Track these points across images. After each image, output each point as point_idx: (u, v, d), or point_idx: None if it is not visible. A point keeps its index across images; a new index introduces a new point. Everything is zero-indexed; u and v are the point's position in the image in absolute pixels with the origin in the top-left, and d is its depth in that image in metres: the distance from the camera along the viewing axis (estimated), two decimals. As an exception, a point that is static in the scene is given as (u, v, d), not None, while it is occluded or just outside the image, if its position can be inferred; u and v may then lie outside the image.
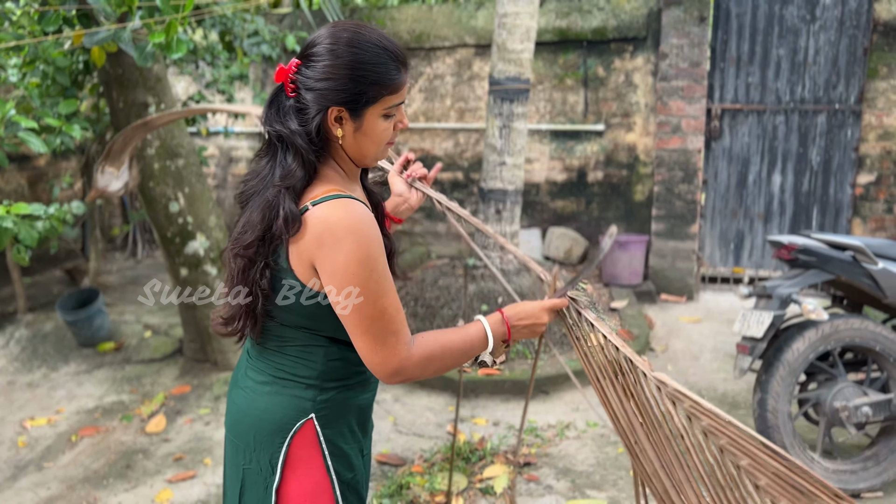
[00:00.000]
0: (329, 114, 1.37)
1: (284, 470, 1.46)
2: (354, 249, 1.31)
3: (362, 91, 1.36)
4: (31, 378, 4.65)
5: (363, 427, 1.57)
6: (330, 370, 1.47)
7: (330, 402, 1.47)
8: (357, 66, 1.35)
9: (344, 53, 1.35)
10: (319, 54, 1.37)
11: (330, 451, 1.47)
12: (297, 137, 1.37)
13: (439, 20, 5.99)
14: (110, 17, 3.00)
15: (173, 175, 4.19)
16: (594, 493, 3.17)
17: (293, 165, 1.37)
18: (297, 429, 1.46)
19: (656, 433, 1.42)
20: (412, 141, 6.27)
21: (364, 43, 1.37)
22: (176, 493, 3.30)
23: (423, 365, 1.40)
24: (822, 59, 5.32)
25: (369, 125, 1.40)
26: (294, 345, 1.47)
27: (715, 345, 4.68)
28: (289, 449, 1.46)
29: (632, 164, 5.84)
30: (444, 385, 4.20)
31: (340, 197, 1.35)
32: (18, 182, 6.26)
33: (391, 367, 1.37)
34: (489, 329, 1.49)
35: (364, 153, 1.44)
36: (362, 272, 1.32)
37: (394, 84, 1.39)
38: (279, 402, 1.47)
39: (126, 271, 6.62)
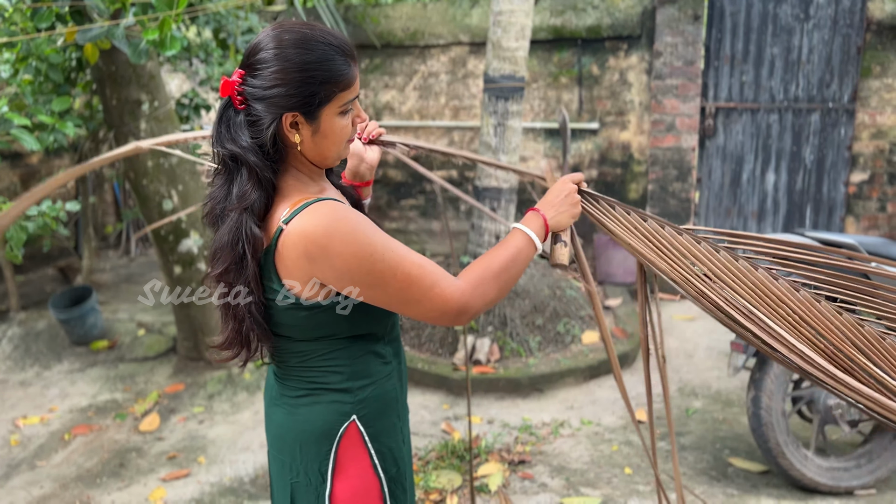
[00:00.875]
0: (284, 121, 1.32)
1: (335, 476, 1.44)
2: (346, 247, 1.27)
3: (314, 92, 1.30)
4: (24, 376, 4.63)
5: (402, 417, 1.55)
6: (359, 368, 1.44)
7: (367, 399, 1.45)
8: (306, 67, 1.29)
9: (291, 56, 1.29)
10: (265, 60, 1.30)
11: (376, 450, 1.46)
12: (251, 154, 1.31)
13: (434, 18, 5.98)
14: (104, 13, 2.99)
15: (167, 173, 4.17)
16: (588, 490, 3.18)
17: (247, 186, 1.31)
18: (342, 433, 1.43)
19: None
20: (407, 139, 6.25)
21: (310, 42, 1.31)
22: (170, 492, 3.29)
23: (480, 291, 1.35)
24: (815, 57, 5.34)
25: (327, 125, 1.35)
26: (316, 356, 1.43)
27: (709, 343, 4.69)
28: (337, 455, 1.43)
29: (626, 163, 5.85)
30: (439, 383, 4.20)
31: (307, 204, 1.30)
32: (11, 180, 6.23)
33: (454, 310, 1.33)
34: (524, 226, 1.45)
35: (325, 155, 1.39)
36: (366, 262, 1.28)
37: (345, 79, 1.34)
38: (319, 411, 1.44)
39: (119, 269, 6.60)
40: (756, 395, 3.09)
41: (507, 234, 1.46)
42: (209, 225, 1.41)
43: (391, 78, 6.21)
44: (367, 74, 6.25)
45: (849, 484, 3.09)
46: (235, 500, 3.21)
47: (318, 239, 1.27)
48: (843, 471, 3.12)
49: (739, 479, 3.24)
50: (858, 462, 3.14)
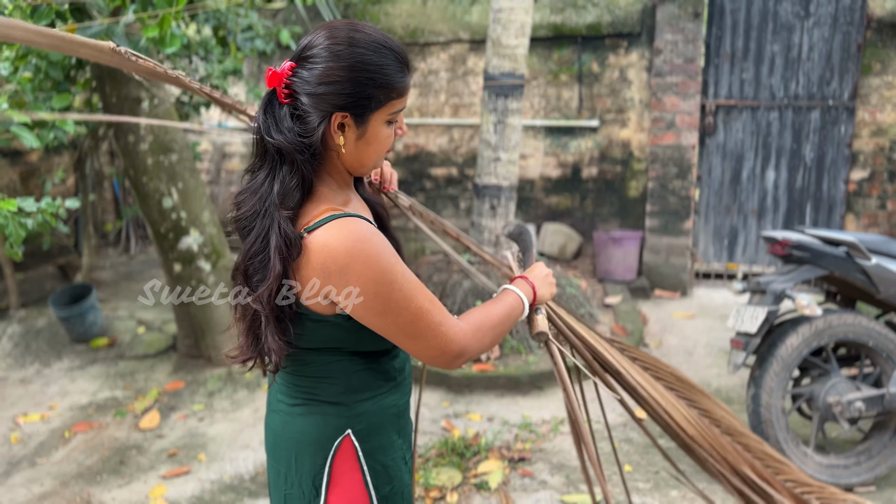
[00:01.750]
0: (332, 120, 1.27)
1: (328, 490, 1.41)
2: (366, 271, 1.24)
3: (370, 95, 1.27)
4: (24, 374, 4.63)
5: (404, 432, 1.51)
6: (356, 384, 1.41)
7: (364, 414, 1.42)
8: (363, 68, 1.25)
9: (348, 54, 1.25)
10: (319, 56, 1.26)
11: (369, 467, 1.42)
12: (297, 151, 1.26)
13: (434, 15, 5.98)
14: (103, 11, 2.98)
15: (167, 170, 4.17)
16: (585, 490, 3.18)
17: (291, 184, 1.26)
18: (337, 447, 1.40)
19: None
20: (407, 136, 6.26)
21: (369, 43, 1.27)
22: (170, 489, 3.30)
23: (478, 337, 1.38)
24: (815, 55, 5.33)
25: (373, 132, 1.31)
26: (315, 365, 1.40)
27: (709, 340, 4.69)
28: (332, 469, 1.41)
29: (626, 160, 5.85)
30: (439, 381, 4.20)
31: (335, 217, 1.27)
32: (10, 177, 6.22)
33: (453, 351, 1.34)
34: (518, 290, 1.51)
35: (364, 162, 1.35)
36: (384, 289, 1.26)
37: (400, 87, 1.30)
38: (313, 423, 1.41)
39: (119, 267, 6.60)
40: (756, 392, 3.09)
41: (501, 293, 1.50)
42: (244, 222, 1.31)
43: (391, 75, 6.20)
44: (367, 72, 6.24)
45: (848, 481, 3.10)
46: (236, 498, 3.21)
47: (339, 258, 1.24)
48: (843, 468, 3.12)
49: (739, 477, 3.24)
50: (858, 459, 3.15)
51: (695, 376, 4.23)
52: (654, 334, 4.85)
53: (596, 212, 6.00)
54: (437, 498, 3.12)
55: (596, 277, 5.70)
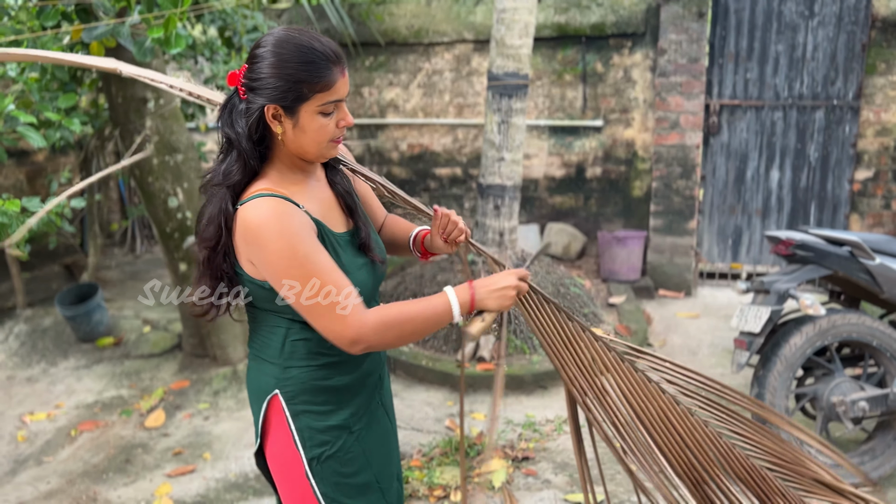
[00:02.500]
0: (266, 111, 1.46)
1: (264, 436, 1.63)
2: (273, 243, 1.41)
3: (291, 88, 1.43)
4: (31, 373, 4.65)
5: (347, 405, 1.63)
6: (291, 350, 1.57)
7: (294, 380, 1.58)
8: (287, 66, 1.43)
9: (274, 53, 1.44)
10: (257, 56, 1.46)
11: (296, 427, 1.59)
12: (243, 140, 1.47)
13: (438, 15, 5.99)
14: (109, 12, 3.00)
15: (172, 170, 4.19)
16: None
17: (234, 167, 1.48)
18: (268, 402, 1.60)
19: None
20: (411, 136, 6.27)
21: (290, 43, 1.44)
22: (175, 488, 3.31)
23: (380, 331, 1.45)
24: (820, 54, 5.33)
25: (305, 122, 1.47)
26: (261, 325, 1.61)
27: (713, 340, 4.69)
28: (265, 417, 1.62)
29: (630, 160, 5.85)
30: (443, 380, 4.21)
31: (262, 196, 1.45)
32: (17, 177, 6.25)
33: (348, 337, 1.44)
34: (452, 294, 1.53)
35: (305, 149, 1.51)
36: (288, 262, 1.42)
37: (323, 81, 1.44)
38: (255, 376, 1.64)
39: (125, 266, 6.62)
40: (759, 392, 3.09)
41: (438, 294, 1.54)
42: (203, 192, 1.57)
43: (395, 75, 6.22)
44: (372, 72, 6.26)
45: (852, 481, 3.10)
46: (241, 496, 3.23)
47: (251, 229, 1.43)
48: (847, 468, 3.12)
49: (743, 476, 3.24)
50: (862, 459, 3.14)
51: (699, 376, 4.23)
52: (659, 334, 4.85)
53: (600, 211, 6.00)
54: (441, 496, 3.13)
55: (600, 277, 5.70)
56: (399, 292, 4.83)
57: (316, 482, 1.60)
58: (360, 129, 6.37)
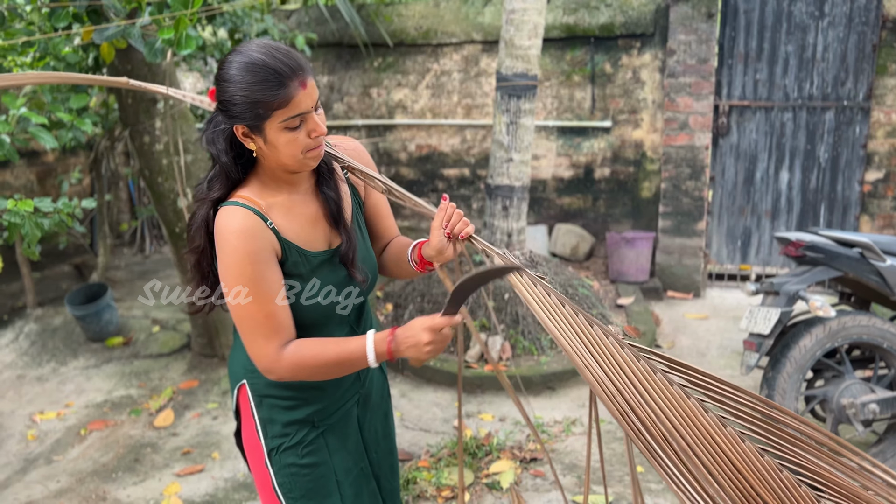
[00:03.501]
0: (236, 131, 1.48)
1: (239, 417, 1.73)
2: (227, 255, 1.47)
3: (249, 109, 1.43)
4: (41, 372, 4.68)
5: (315, 401, 1.66)
6: None
7: (258, 374, 1.64)
8: (241, 87, 1.42)
9: (228, 76, 1.44)
10: (219, 78, 1.48)
11: (259, 416, 1.67)
12: (222, 156, 1.51)
13: (446, 16, 5.99)
14: (120, 13, 3.02)
15: (181, 171, 4.20)
16: (600, 489, 3.18)
17: (216, 181, 1.54)
18: (238, 388, 1.70)
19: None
20: (419, 137, 6.28)
21: (245, 63, 1.42)
22: (184, 487, 3.32)
23: (292, 370, 1.51)
24: (830, 55, 5.31)
25: (273, 138, 1.46)
26: None
27: (721, 342, 4.68)
28: (236, 402, 1.72)
29: (639, 161, 5.84)
30: (451, 381, 4.21)
31: (235, 204, 1.50)
32: (28, 177, 6.29)
33: (261, 366, 1.51)
34: (371, 343, 1.50)
35: (282, 162, 1.50)
36: (232, 276, 1.47)
37: (278, 99, 1.41)
38: (231, 362, 1.74)
39: (134, 266, 6.65)
40: (769, 394, 3.08)
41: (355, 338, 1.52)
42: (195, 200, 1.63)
43: (404, 76, 6.22)
44: (380, 73, 6.26)
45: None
46: (249, 496, 3.24)
47: (218, 234, 1.49)
48: (857, 470, 3.10)
49: (752, 478, 3.23)
50: (872, 462, 3.12)
51: (707, 378, 4.22)
52: (667, 335, 4.84)
53: (608, 212, 5.99)
54: (449, 497, 3.13)
55: (608, 278, 5.69)
56: (407, 293, 4.84)
57: (274, 472, 1.66)
58: (368, 129, 6.38)
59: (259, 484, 1.71)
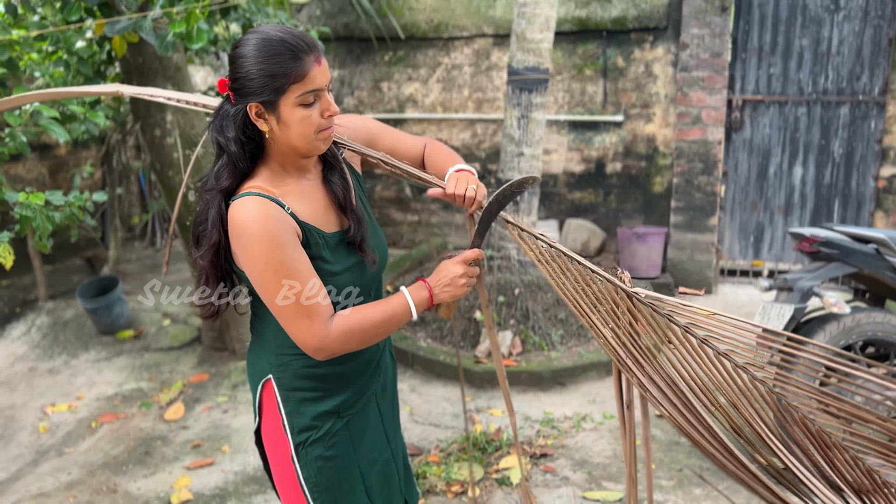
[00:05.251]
0: (249, 110, 1.48)
1: (260, 415, 1.70)
2: (253, 246, 1.45)
3: (265, 83, 1.45)
4: (52, 365, 4.70)
5: (341, 392, 1.67)
6: (284, 339, 1.60)
7: (285, 367, 1.63)
8: (257, 61, 1.44)
9: (244, 53, 1.46)
10: (233, 58, 1.49)
11: (287, 411, 1.65)
12: (231, 144, 1.50)
13: (458, 10, 5.96)
14: (131, 6, 3.01)
15: (193, 164, 4.20)
16: (611, 485, 3.17)
17: (224, 170, 1.52)
18: (263, 384, 1.67)
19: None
20: (430, 132, 6.26)
21: (262, 38, 1.46)
22: (194, 480, 3.33)
23: (343, 339, 1.51)
24: (845, 49, 5.25)
25: (287, 116, 1.47)
26: (258, 310, 1.66)
27: (733, 338, 4.64)
28: (259, 398, 1.69)
29: (651, 156, 5.80)
30: (461, 376, 4.20)
31: (249, 195, 1.48)
32: (39, 171, 6.31)
33: (312, 345, 1.50)
34: (409, 295, 1.58)
35: (293, 143, 1.51)
36: (262, 266, 1.46)
37: (295, 71, 1.44)
38: (253, 359, 1.71)
39: (145, 260, 6.67)
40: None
41: (393, 295, 1.59)
42: (199, 196, 1.61)
43: (414, 70, 6.21)
44: (391, 67, 6.25)
45: (876, 482, 3.05)
46: (259, 489, 3.24)
47: (236, 228, 1.47)
48: (871, 468, 3.07)
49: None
50: (886, 460, 3.10)
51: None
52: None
53: (620, 207, 5.96)
54: (459, 492, 3.12)
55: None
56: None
57: (300, 466, 1.65)
58: (378, 123, 6.36)
59: (281, 482, 1.69)
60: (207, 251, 1.54)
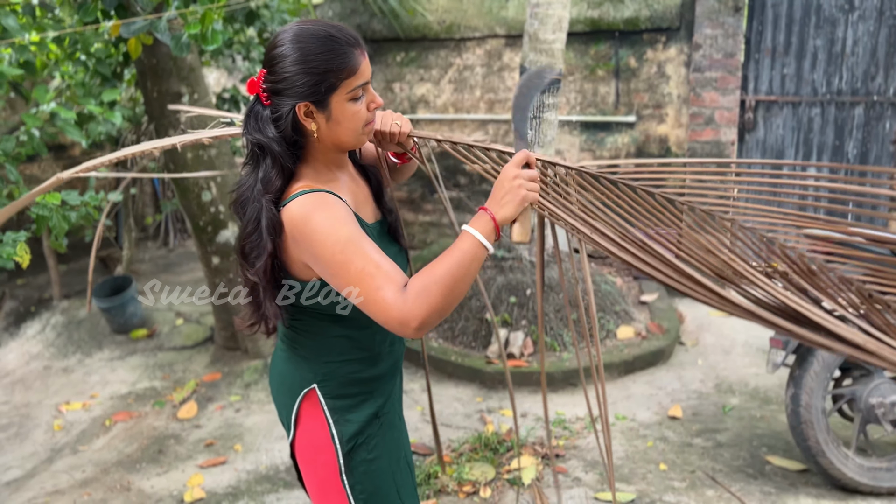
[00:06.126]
0: (298, 111, 1.43)
1: (296, 427, 1.65)
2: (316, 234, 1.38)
3: (318, 81, 1.41)
4: (67, 363, 4.74)
5: (380, 393, 1.67)
6: (330, 346, 1.59)
7: (331, 374, 1.61)
8: (306, 59, 1.40)
9: (292, 50, 1.41)
10: (275, 57, 1.44)
11: (334, 419, 1.61)
12: (275, 144, 1.44)
13: (469, 10, 5.97)
14: (146, 7, 3.04)
15: (206, 165, 4.23)
16: (623, 486, 3.16)
17: (272, 173, 1.45)
18: (304, 395, 1.63)
19: None
20: (442, 132, 6.26)
21: (308, 35, 1.42)
22: (207, 479, 3.35)
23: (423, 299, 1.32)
24: (860, 49, 5.22)
25: (338, 112, 1.45)
26: (300, 320, 1.60)
27: (746, 339, 4.63)
28: (298, 410, 1.64)
29: (663, 156, 5.78)
30: (472, 376, 4.21)
31: (303, 193, 1.43)
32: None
33: (395, 317, 1.33)
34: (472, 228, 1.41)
35: (342, 140, 1.49)
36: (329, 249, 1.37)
37: (347, 66, 1.42)
38: (290, 370, 1.66)
39: (158, 260, 6.71)
40: (795, 392, 3.04)
41: (459, 236, 1.43)
42: (236, 209, 1.53)
43: (426, 71, 6.21)
44: (402, 67, 6.26)
45: (891, 485, 3.03)
46: (271, 488, 3.26)
47: (298, 224, 1.41)
48: (886, 471, 3.05)
49: (777, 478, 3.19)
50: (901, 463, 3.07)
51: (732, 375, 4.18)
52: (691, 332, 4.79)
53: (632, 208, 5.94)
54: (470, 492, 3.12)
55: (631, 275, 5.65)
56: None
57: (347, 474, 1.62)
58: (390, 124, 6.38)
59: (324, 492, 1.65)
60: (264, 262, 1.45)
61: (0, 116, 5.41)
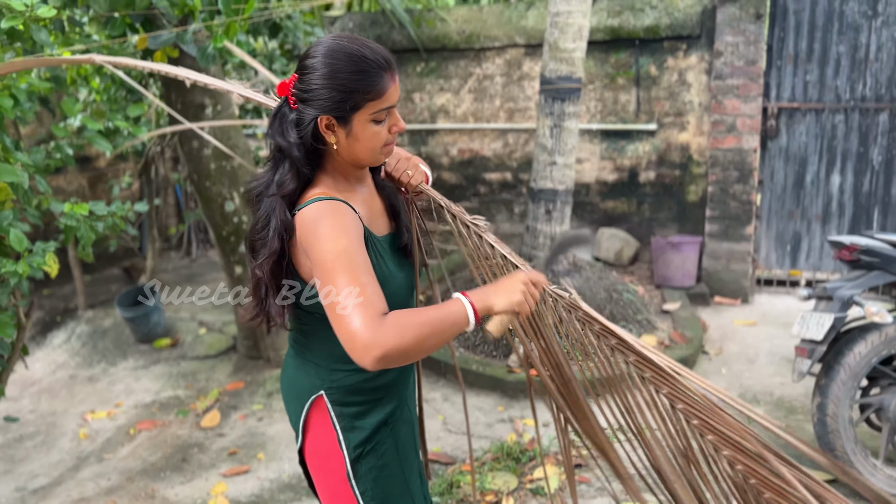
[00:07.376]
0: (319, 122, 1.46)
1: (305, 433, 1.66)
2: (319, 240, 1.40)
3: (344, 99, 1.43)
4: (92, 372, 4.79)
5: (389, 401, 1.67)
6: (338, 354, 1.51)
7: (339, 382, 1.61)
8: (336, 76, 1.43)
9: (326, 64, 1.44)
10: (307, 67, 1.46)
11: (342, 426, 1.62)
12: (294, 149, 1.47)
13: (489, 20, 5.99)
14: (172, 20, 3.08)
15: (229, 175, 4.27)
16: (647, 496, 3.13)
17: (287, 176, 1.49)
18: (312, 401, 1.64)
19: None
20: (461, 142, 6.28)
21: (341, 52, 1.44)
22: (230, 487, 3.37)
23: (397, 333, 1.30)
24: (884, 55, 5.17)
25: (359, 131, 1.47)
26: (309, 327, 1.62)
27: (771, 348, 4.58)
28: (307, 417, 1.65)
29: (685, 164, 5.75)
30: (493, 385, 4.20)
31: (319, 199, 1.46)
32: (80, 182, 6.46)
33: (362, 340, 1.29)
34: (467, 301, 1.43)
35: (358, 157, 1.52)
36: (324, 256, 1.39)
37: (375, 89, 1.44)
38: (299, 376, 1.67)
39: (181, 269, 6.78)
40: (822, 401, 3.00)
41: (450, 300, 1.43)
42: (250, 202, 1.58)
43: (446, 81, 6.24)
44: (423, 77, 6.29)
45: None
46: (294, 497, 3.27)
47: (307, 226, 1.43)
48: (915, 482, 3.00)
49: (804, 489, 3.15)
50: (931, 473, 3.02)
51: (756, 384, 4.13)
52: (715, 342, 4.75)
53: (653, 216, 5.92)
54: (493, 502, 3.11)
55: (653, 283, 5.62)
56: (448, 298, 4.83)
57: (356, 481, 1.63)
58: (410, 134, 6.41)
59: (333, 499, 1.66)
60: (267, 259, 1.49)
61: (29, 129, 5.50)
